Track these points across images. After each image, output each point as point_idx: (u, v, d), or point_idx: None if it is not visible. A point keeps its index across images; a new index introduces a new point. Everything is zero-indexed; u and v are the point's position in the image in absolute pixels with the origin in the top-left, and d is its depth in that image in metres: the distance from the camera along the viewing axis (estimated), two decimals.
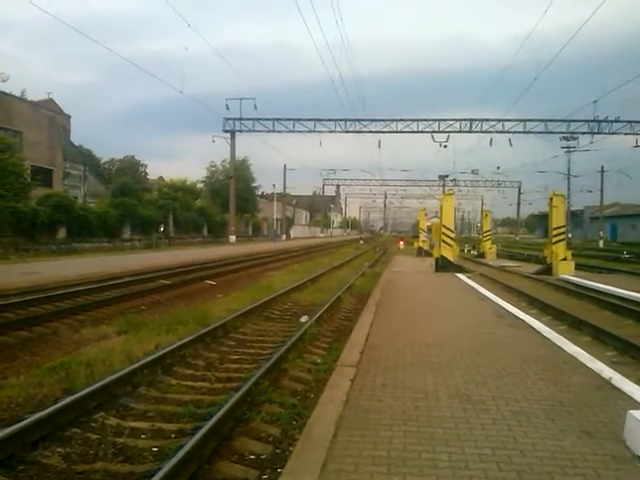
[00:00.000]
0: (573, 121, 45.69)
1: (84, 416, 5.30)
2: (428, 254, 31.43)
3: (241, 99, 47.35)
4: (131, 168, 65.14)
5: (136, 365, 6.67)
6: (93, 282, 15.72)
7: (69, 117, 54.46)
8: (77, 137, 56.39)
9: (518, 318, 10.19)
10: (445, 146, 48.44)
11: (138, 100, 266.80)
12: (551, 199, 20.91)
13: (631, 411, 4.19)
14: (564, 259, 20.39)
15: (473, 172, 78.06)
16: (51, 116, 41.35)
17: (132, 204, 40.70)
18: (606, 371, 6.28)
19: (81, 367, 6.84)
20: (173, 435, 5.00)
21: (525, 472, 3.65)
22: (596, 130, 45.71)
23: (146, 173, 69.27)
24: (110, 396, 5.85)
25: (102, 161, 65.88)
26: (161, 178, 66.81)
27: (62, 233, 32.81)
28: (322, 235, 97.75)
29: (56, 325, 10.23)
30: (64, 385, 6.24)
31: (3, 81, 36.26)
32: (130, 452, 4.60)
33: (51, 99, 53.24)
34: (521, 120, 46.67)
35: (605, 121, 44.71)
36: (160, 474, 3.78)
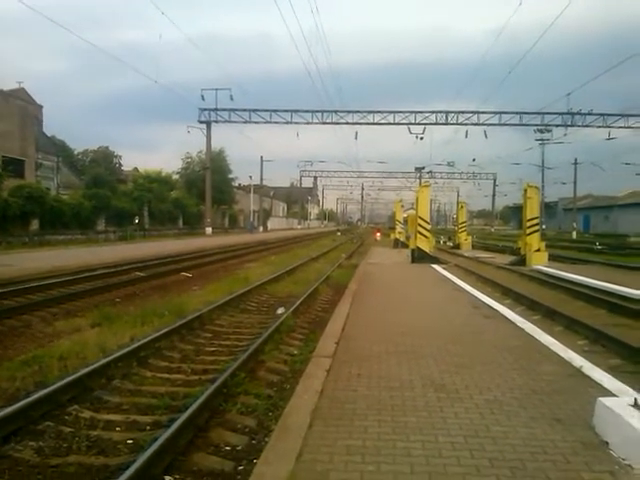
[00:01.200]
0: (547, 114, 46.29)
1: (57, 409, 5.24)
2: (404, 246, 31.60)
3: (217, 89, 47.03)
4: (105, 159, 64.25)
5: (110, 358, 6.61)
6: (66, 274, 15.51)
7: (41, 107, 53.51)
8: (50, 127, 55.51)
9: (492, 308, 10.31)
10: (421, 138, 48.68)
11: (112, 90, 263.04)
12: (525, 191, 21.17)
13: (600, 398, 4.28)
14: (538, 250, 20.67)
15: (449, 164, 78.58)
16: (22, 106, 40.65)
17: (106, 196, 40.18)
18: (577, 360, 6.40)
19: (54, 360, 6.77)
20: (148, 427, 4.97)
21: (497, 459, 3.71)
22: (570, 123, 46.35)
23: (120, 164, 68.49)
24: (84, 389, 5.79)
25: (76, 152, 64.82)
26: (136, 169, 66.02)
27: (35, 225, 32.30)
28: (299, 227, 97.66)
29: (29, 318, 10.08)
30: (37, 378, 6.16)
31: None
32: (104, 445, 4.56)
33: (22, 88, 52.15)
34: (496, 112, 47.11)
35: (578, 114, 45.32)
36: (135, 466, 3.76)
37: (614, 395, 4.85)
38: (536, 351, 6.91)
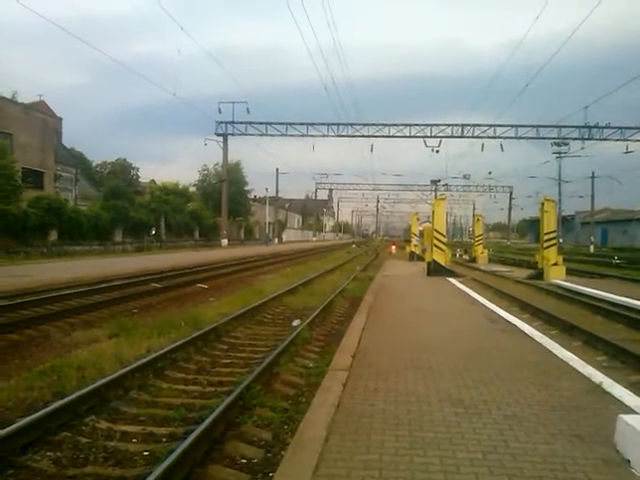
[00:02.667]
0: (564, 127, 46.03)
1: (75, 420, 5.26)
2: (420, 258, 31.49)
3: (233, 102, 47.38)
4: (123, 171, 64.98)
5: (127, 368, 6.63)
6: (84, 285, 15.65)
7: (61, 119, 54.28)
8: (68, 139, 56.23)
9: (510, 323, 10.23)
10: (437, 151, 48.69)
11: (130, 103, 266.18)
12: (542, 204, 21.02)
13: (622, 415, 4.22)
14: (555, 264, 20.49)
15: (465, 177, 78.29)
16: (42, 118, 41.21)
17: (124, 207, 40.54)
18: (597, 376, 6.32)
19: (72, 370, 6.80)
20: (164, 439, 4.97)
21: (516, 476, 3.66)
22: (587, 136, 46.07)
23: (138, 176, 69.16)
24: (101, 400, 5.81)
25: (94, 164, 65.69)
26: (153, 181, 66.60)
27: (53, 236, 32.64)
28: (314, 239, 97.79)
29: (47, 328, 10.16)
30: (55, 389, 6.18)
31: None
32: (121, 456, 4.57)
33: (43, 101, 53.07)
34: (512, 125, 46.90)
35: (596, 127, 45.05)
36: (151, 478, 3.76)
37: (635, 412, 4.78)
38: (555, 366, 6.83)
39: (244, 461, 4.58)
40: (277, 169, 70.37)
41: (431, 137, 47.41)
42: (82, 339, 9.23)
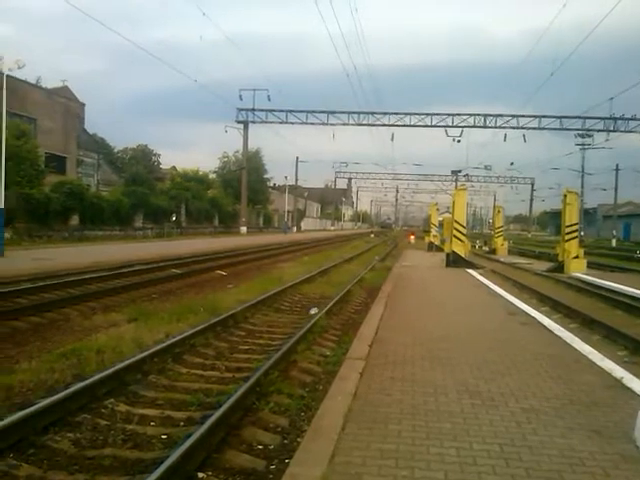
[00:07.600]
0: (589, 118, 45.38)
1: (94, 402, 5.32)
2: (439, 249, 31.33)
3: (254, 90, 47.50)
4: (144, 157, 65.19)
5: (146, 353, 6.69)
6: (105, 269, 15.81)
7: (83, 105, 54.62)
8: (91, 125, 56.58)
9: (529, 315, 10.14)
10: (459, 141, 48.32)
11: (152, 89, 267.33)
12: (565, 196, 20.73)
13: None
14: (576, 257, 20.25)
15: (486, 168, 77.71)
16: (66, 103, 41.49)
17: (144, 193, 40.86)
18: (617, 370, 6.24)
19: (92, 353, 6.89)
20: (182, 423, 5.01)
21: (533, 469, 3.64)
22: (612, 128, 45.41)
23: (159, 162, 69.36)
24: (120, 383, 5.88)
25: (115, 150, 66.06)
26: (174, 168, 66.95)
27: (75, 220, 32.99)
28: (333, 228, 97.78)
29: (67, 311, 10.30)
30: (75, 371, 6.27)
31: (19, 68, 35.95)
32: (139, 439, 4.62)
33: (66, 86, 53.27)
34: (536, 116, 46.40)
35: (621, 119, 44.38)
36: (169, 461, 3.79)
37: None
38: (574, 360, 6.77)
39: (261, 447, 4.60)
40: (297, 157, 70.50)
41: (453, 127, 47.11)
42: (102, 323, 9.35)
